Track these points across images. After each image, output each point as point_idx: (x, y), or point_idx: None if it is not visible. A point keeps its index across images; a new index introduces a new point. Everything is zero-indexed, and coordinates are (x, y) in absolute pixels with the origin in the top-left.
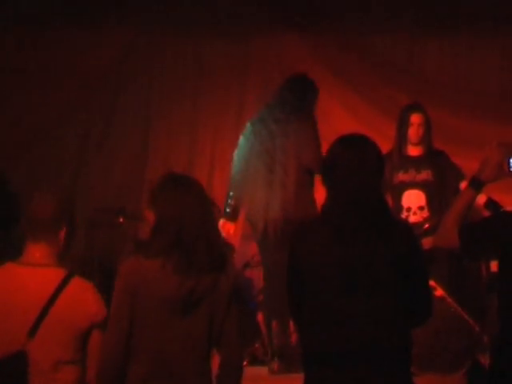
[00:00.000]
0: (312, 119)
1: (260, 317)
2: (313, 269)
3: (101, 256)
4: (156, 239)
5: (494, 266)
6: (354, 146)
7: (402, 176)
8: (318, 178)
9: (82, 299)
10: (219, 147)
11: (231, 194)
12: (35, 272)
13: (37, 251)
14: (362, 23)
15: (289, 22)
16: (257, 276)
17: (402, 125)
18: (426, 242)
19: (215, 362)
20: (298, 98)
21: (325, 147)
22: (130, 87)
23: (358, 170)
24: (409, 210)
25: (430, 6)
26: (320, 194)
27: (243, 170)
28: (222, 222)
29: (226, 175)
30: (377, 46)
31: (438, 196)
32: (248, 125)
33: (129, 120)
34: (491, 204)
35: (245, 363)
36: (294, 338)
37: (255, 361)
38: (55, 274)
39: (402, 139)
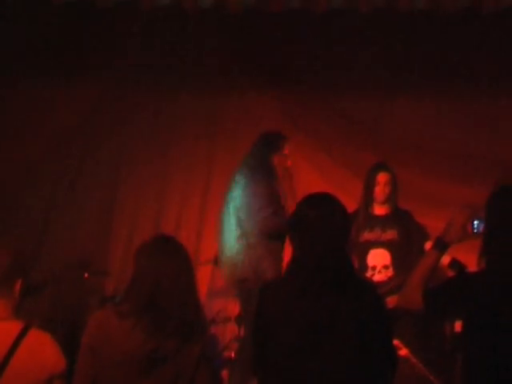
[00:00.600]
0: (269, 179)
1: (225, 374)
2: (276, 328)
3: (66, 311)
4: (129, 299)
5: (457, 326)
6: (320, 205)
7: (367, 235)
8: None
9: (40, 351)
10: (189, 201)
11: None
12: None
13: None
14: (331, 82)
15: (257, 75)
16: (222, 332)
17: (369, 184)
18: (391, 301)
19: None
20: (256, 158)
21: (293, 207)
22: (99, 141)
23: (324, 229)
24: (374, 268)
25: (399, 67)
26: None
27: (223, 224)
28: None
29: (193, 228)
30: (346, 105)
31: (403, 255)
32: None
33: (97, 173)
34: (455, 264)
35: None
36: None
37: None
38: (12, 327)
39: (368, 198)
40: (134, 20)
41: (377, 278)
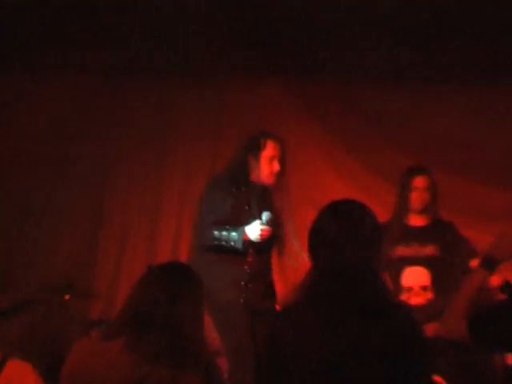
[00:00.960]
0: (228, 189)
1: None
2: (295, 360)
3: (44, 340)
4: (119, 322)
5: (509, 358)
6: (346, 213)
7: (402, 250)
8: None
9: (21, 382)
10: (187, 211)
11: None
12: None
13: None
14: (356, 74)
15: (270, 68)
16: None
17: (404, 190)
18: (430, 329)
19: None
20: (229, 163)
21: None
22: (83, 140)
23: (350, 242)
24: (410, 290)
25: (438, 54)
26: None
27: None
28: None
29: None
30: (374, 99)
31: (445, 274)
32: None
33: (80, 179)
34: (507, 287)
35: None
36: None
37: None
38: None
39: (403, 206)
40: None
41: (414, 301)
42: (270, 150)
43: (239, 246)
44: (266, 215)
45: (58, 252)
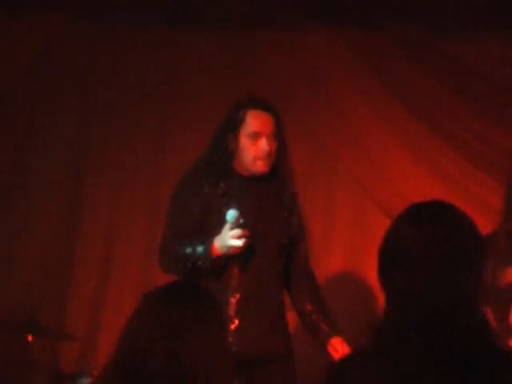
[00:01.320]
0: (192, 181)
1: None
2: None
3: None
4: (109, 376)
5: None
6: (434, 221)
7: None
8: None
9: None
10: None
11: None
12: None
13: None
14: (433, 23)
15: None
16: None
17: None
18: None
19: None
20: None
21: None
22: (51, 118)
23: (440, 263)
24: None
25: None
26: None
27: None
28: None
29: None
30: (458, 54)
31: None
32: None
33: (48, 174)
34: None
35: None
36: None
37: None
38: None
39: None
40: None
41: None
42: (252, 123)
43: (206, 265)
44: (231, 215)
45: (17, 273)
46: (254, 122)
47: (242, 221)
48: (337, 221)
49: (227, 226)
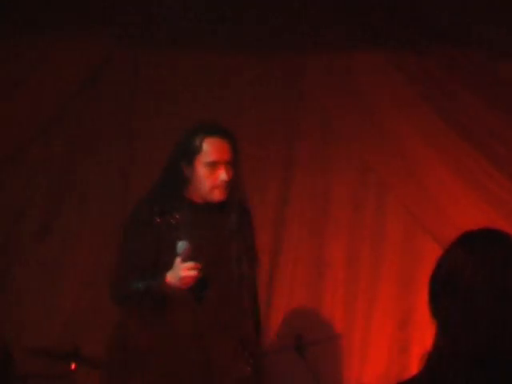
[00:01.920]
0: (143, 214)
1: None
2: None
3: None
4: None
5: None
6: (486, 249)
7: None
8: None
9: None
10: None
11: None
12: None
13: None
14: (489, 46)
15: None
16: None
17: None
18: None
19: None
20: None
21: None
22: (97, 127)
23: (495, 293)
24: None
25: None
26: None
27: None
28: None
29: None
30: None
31: None
32: None
33: (91, 186)
34: None
35: None
36: None
37: None
38: None
39: None
40: None
41: None
42: (210, 152)
43: (159, 300)
44: (181, 246)
45: (61, 302)
46: (211, 150)
47: (191, 252)
48: (386, 249)
49: (178, 259)
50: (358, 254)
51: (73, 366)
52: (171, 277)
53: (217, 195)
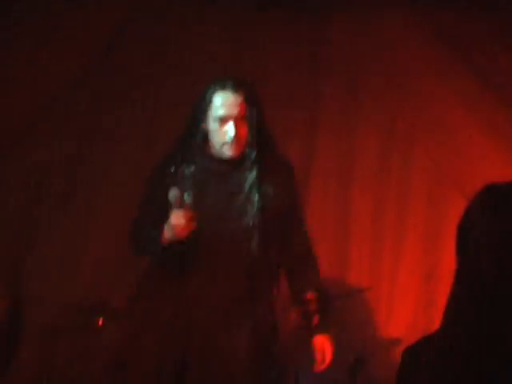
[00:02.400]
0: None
1: None
2: None
3: (66, 379)
4: None
5: None
6: (508, 204)
7: None
8: None
9: None
10: None
11: None
12: None
13: None
14: None
15: None
16: None
17: None
18: None
19: None
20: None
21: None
22: (121, 108)
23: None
24: None
25: None
26: None
27: None
28: None
29: None
30: None
31: None
32: None
33: (113, 156)
34: None
35: None
36: None
37: None
38: None
39: None
40: None
41: None
42: (218, 107)
43: (157, 250)
44: (172, 194)
45: (88, 257)
46: (220, 105)
47: (186, 200)
48: (412, 203)
49: (172, 208)
50: (385, 208)
51: (100, 322)
52: (166, 227)
53: (226, 151)
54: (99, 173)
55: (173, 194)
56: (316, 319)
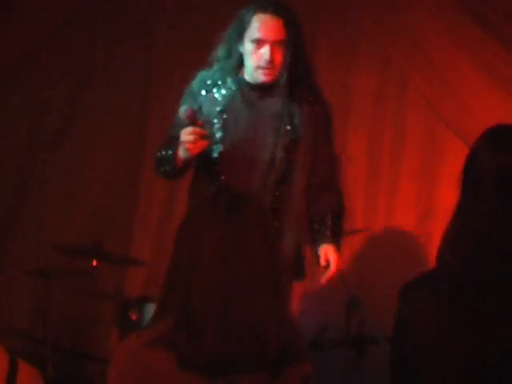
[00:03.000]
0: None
1: None
2: (420, 355)
3: (60, 323)
4: (166, 308)
5: None
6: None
7: None
8: None
9: None
10: None
11: None
12: None
13: None
14: None
15: None
16: None
17: None
18: None
19: None
20: None
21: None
22: (118, 44)
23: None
24: None
25: None
26: None
27: None
28: None
29: None
30: None
31: None
32: None
33: (111, 87)
34: None
35: None
36: None
37: None
38: None
39: None
40: None
41: None
42: (256, 28)
43: (171, 169)
44: (182, 110)
45: (83, 199)
46: (258, 26)
47: (189, 118)
48: (407, 143)
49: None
50: (379, 148)
51: (94, 263)
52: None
53: (259, 75)
54: (97, 113)
55: (183, 109)
56: (329, 232)
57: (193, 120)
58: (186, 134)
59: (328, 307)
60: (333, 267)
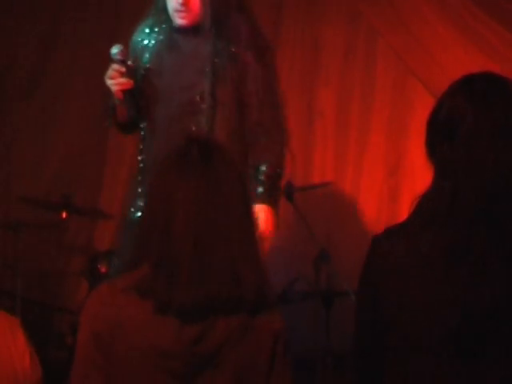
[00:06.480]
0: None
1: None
2: (399, 309)
3: (29, 275)
4: (141, 255)
5: None
6: (486, 94)
7: None
8: None
9: (11, 338)
10: None
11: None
12: None
13: None
14: None
15: None
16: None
17: None
18: None
19: None
20: None
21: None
22: None
23: (494, 138)
24: None
25: None
26: None
27: None
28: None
29: None
30: None
31: None
32: None
33: (78, 42)
34: None
35: None
36: None
37: None
38: None
39: None
40: None
41: None
42: None
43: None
44: (113, 49)
45: (52, 153)
46: None
47: (119, 57)
48: (376, 97)
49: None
50: (349, 102)
51: (64, 215)
52: None
53: (176, 18)
54: (65, 68)
55: (113, 49)
56: (262, 188)
57: (122, 60)
58: (109, 70)
59: (297, 260)
60: (263, 231)
